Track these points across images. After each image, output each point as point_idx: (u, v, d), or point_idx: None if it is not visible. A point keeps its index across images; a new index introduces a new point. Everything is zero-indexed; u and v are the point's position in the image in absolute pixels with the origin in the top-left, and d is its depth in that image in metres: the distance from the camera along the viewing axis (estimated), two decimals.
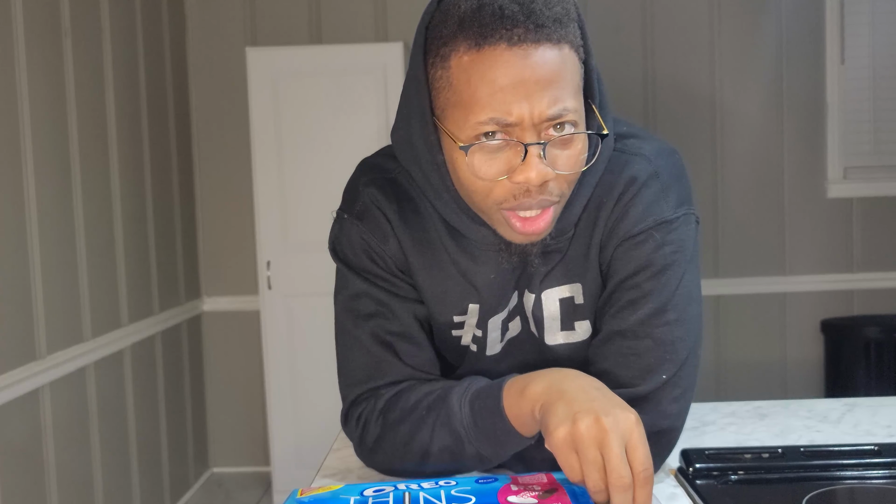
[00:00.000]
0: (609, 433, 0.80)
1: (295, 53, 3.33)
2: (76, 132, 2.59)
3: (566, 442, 0.82)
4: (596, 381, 0.90)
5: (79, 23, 2.63)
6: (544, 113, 0.86)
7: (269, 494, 3.53)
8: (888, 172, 3.60)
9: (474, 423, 0.95)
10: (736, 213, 3.63)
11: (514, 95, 0.85)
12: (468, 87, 0.87)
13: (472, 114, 0.87)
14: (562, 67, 0.87)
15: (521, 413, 0.91)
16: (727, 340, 3.66)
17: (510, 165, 0.88)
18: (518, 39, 0.85)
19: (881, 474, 0.98)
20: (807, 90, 3.59)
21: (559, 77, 0.87)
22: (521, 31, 0.85)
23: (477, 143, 0.87)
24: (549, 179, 0.89)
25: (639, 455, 0.81)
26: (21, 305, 2.26)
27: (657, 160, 1.00)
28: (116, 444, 2.83)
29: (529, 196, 0.89)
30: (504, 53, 0.85)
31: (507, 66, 0.85)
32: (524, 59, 0.85)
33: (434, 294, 1.05)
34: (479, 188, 0.91)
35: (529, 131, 0.87)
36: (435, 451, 0.98)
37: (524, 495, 0.81)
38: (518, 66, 0.85)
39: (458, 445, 0.96)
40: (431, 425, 0.98)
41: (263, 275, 3.34)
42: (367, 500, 0.82)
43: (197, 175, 3.68)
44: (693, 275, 1.00)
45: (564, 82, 0.87)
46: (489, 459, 0.98)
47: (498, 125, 0.86)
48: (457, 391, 0.98)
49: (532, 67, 0.85)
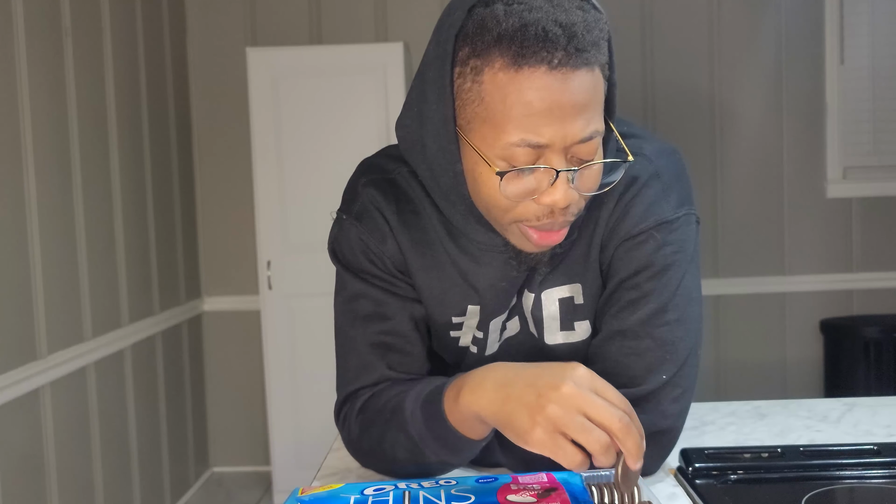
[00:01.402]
0: (577, 394, 0.80)
1: (295, 53, 3.33)
2: (76, 132, 2.59)
3: (547, 436, 0.80)
4: (517, 364, 0.89)
5: (79, 22, 2.63)
6: (577, 137, 0.85)
7: (269, 494, 3.53)
8: (888, 172, 3.60)
9: (427, 429, 0.95)
10: (735, 213, 3.63)
11: (549, 119, 0.84)
12: (502, 106, 0.85)
13: (504, 133, 0.85)
14: (595, 91, 0.86)
15: (462, 419, 0.91)
16: (727, 340, 3.67)
17: (539, 187, 0.88)
18: (558, 63, 0.83)
19: (881, 474, 0.98)
20: (806, 90, 3.60)
21: (591, 100, 0.86)
22: (561, 54, 0.83)
23: (512, 170, 0.86)
24: (575, 202, 0.89)
25: (611, 394, 0.81)
26: (21, 305, 2.27)
27: (658, 160, 1.00)
28: (117, 443, 2.83)
29: (552, 217, 0.90)
30: (543, 77, 0.83)
31: (544, 89, 0.83)
32: (562, 83, 0.83)
33: (433, 295, 1.05)
34: (503, 205, 0.90)
35: (559, 156, 0.86)
36: (400, 457, 0.99)
37: (524, 495, 0.81)
38: (556, 90, 0.83)
39: (418, 451, 0.97)
40: (394, 430, 0.98)
41: (264, 275, 3.34)
42: (367, 499, 0.82)
43: (197, 175, 3.68)
44: (693, 275, 1.00)
45: (596, 105, 0.87)
46: (452, 464, 0.98)
47: (529, 146, 0.85)
48: (412, 395, 0.98)
49: (569, 92, 0.84)
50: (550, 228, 0.91)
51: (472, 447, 0.95)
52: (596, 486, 0.83)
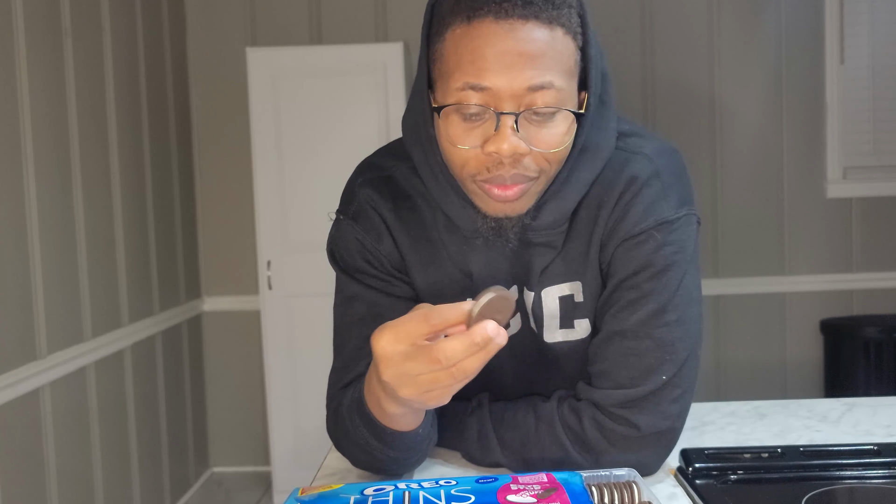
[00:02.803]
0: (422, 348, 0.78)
1: (295, 53, 3.33)
2: (76, 132, 2.59)
3: (407, 382, 0.79)
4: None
5: (79, 23, 2.63)
6: (524, 84, 0.86)
7: (269, 494, 3.53)
8: (888, 172, 3.60)
9: (369, 433, 0.94)
10: (735, 213, 3.63)
11: (495, 64, 0.86)
12: (455, 57, 0.88)
13: (452, 79, 0.88)
14: (550, 47, 0.87)
15: (399, 421, 0.90)
16: (727, 340, 3.67)
17: (485, 136, 0.89)
18: (505, 14, 0.86)
19: (881, 474, 0.98)
20: (806, 90, 3.60)
21: (544, 55, 0.87)
22: (508, 5, 0.86)
23: (450, 105, 0.88)
24: (522, 153, 0.88)
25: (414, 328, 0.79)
26: (21, 305, 2.27)
27: (658, 159, 1.00)
28: (116, 443, 2.83)
29: (503, 168, 0.90)
30: (491, 26, 0.86)
31: (492, 36, 0.86)
32: (510, 31, 0.86)
33: (432, 290, 1.06)
34: (456, 157, 0.92)
35: (508, 102, 0.87)
36: (360, 458, 0.99)
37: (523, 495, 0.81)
38: (503, 37, 0.86)
39: (370, 452, 0.96)
40: (348, 430, 0.98)
41: (264, 275, 3.34)
42: (366, 499, 0.82)
43: (197, 175, 3.68)
44: (693, 275, 1.00)
45: (551, 61, 0.87)
46: (404, 461, 0.97)
47: (473, 90, 0.87)
48: (348, 397, 0.98)
49: (516, 41, 0.86)
50: (502, 182, 0.91)
51: (410, 439, 0.94)
52: (596, 486, 0.83)
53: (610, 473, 0.86)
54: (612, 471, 0.86)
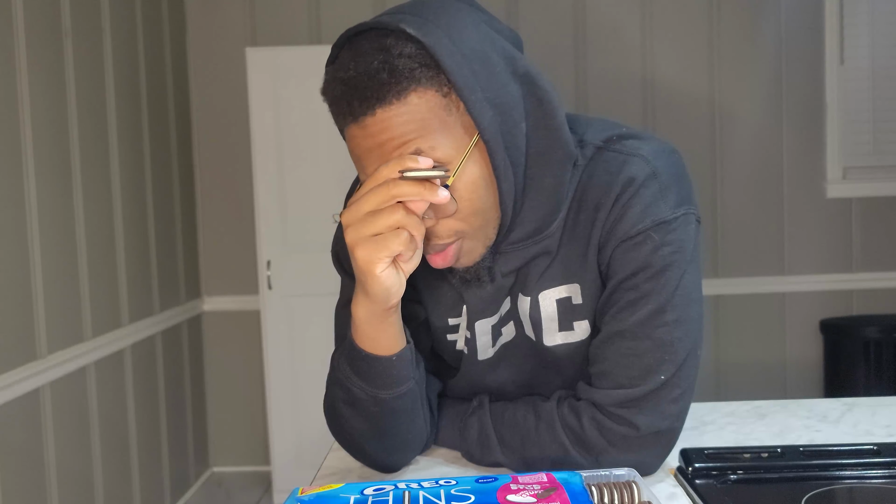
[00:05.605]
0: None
1: (295, 53, 3.33)
2: (77, 132, 2.59)
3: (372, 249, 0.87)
4: None
5: (79, 23, 2.63)
6: (396, 168, 0.87)
7: (269, 494, 3.53)
8: (888, 172, 3.60)
9: (351, 370, 0.97)
10: (735, 213, 3.63)
11: (369, 165, 0.90)
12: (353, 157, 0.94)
13: None
14: (407, 119, 0.87)
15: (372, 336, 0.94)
16: (726, 340, 3.67)
17: None
18: (358, 115, 0.89)
19: (880, 474, 0.98)
20: (806, 90, 3.60)
21: (404, 131, 0.87)
22: (356, 106, 0.88)
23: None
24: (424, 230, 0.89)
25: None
26: (21, 305, 2.27)
27: (656, 160, 1.00)
28: (116, 443, 2.83)
29: (425, 243, 0.93)
30: (353, 130, 0.90)
31: (356, 140, 0.90)
32: (366, 129, 0.88)
33: (430, 297, 1.07)
34: None
35: None
36: (346, 413, 1.00)
37: (523, 495, 0.81)
38: (364, 138, 0.89)
39: (352, 394, 0.98)
40: (334, 382, 1.01)
41: (264, 275, 3.34)
42: (367, 498, 0.82)
43: (197, 175, 3.68)
44: (693, 275, 1.00)
45: (413, 132, 0.88)
46: (383, 399, 0.98)
47: None
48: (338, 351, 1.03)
49: (373, 135, 0.88)
50: (436, 251, 0.94)
51: (389, 367, 0.96)
52: (596, 485, 0.83)
53: (610, 473, 0.86)
54: (612, 471, 0.86)
